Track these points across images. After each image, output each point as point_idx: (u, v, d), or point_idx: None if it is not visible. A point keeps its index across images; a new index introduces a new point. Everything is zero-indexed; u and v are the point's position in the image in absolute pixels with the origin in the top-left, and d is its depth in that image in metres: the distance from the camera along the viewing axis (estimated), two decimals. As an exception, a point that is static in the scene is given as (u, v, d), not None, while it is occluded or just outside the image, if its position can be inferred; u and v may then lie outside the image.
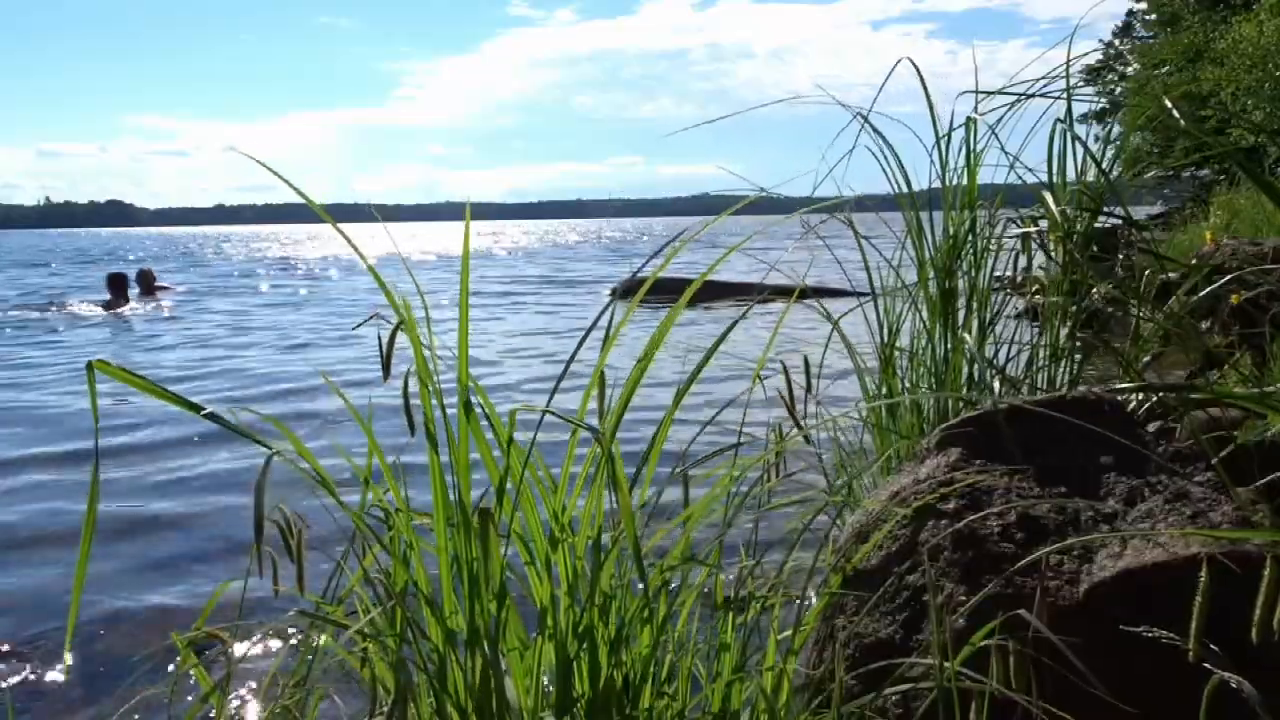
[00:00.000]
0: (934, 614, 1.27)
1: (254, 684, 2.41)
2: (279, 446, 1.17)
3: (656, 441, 1.38)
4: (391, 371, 1.34)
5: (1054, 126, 2.42)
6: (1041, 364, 2.47)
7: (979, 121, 2.44)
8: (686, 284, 1.37)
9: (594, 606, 1.28)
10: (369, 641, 1.30)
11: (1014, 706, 1.12)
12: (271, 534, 1.23)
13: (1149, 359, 2.45)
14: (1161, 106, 2.49)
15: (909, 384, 2.54)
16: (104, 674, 2.56)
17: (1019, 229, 2.45)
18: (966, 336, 2.45)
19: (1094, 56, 20.82)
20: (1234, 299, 2.68)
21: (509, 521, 1.29)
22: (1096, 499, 1.51)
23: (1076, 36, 2.47)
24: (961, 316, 2.49)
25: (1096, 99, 4.65)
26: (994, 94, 2.44)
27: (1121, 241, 2.63)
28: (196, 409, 1.12)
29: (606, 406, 1.35)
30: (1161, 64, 20.85)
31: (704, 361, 1.37)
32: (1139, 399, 2.22)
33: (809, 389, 1.66)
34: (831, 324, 2.51)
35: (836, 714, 1.25)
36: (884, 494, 1.70)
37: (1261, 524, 1.47)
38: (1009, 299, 2.56)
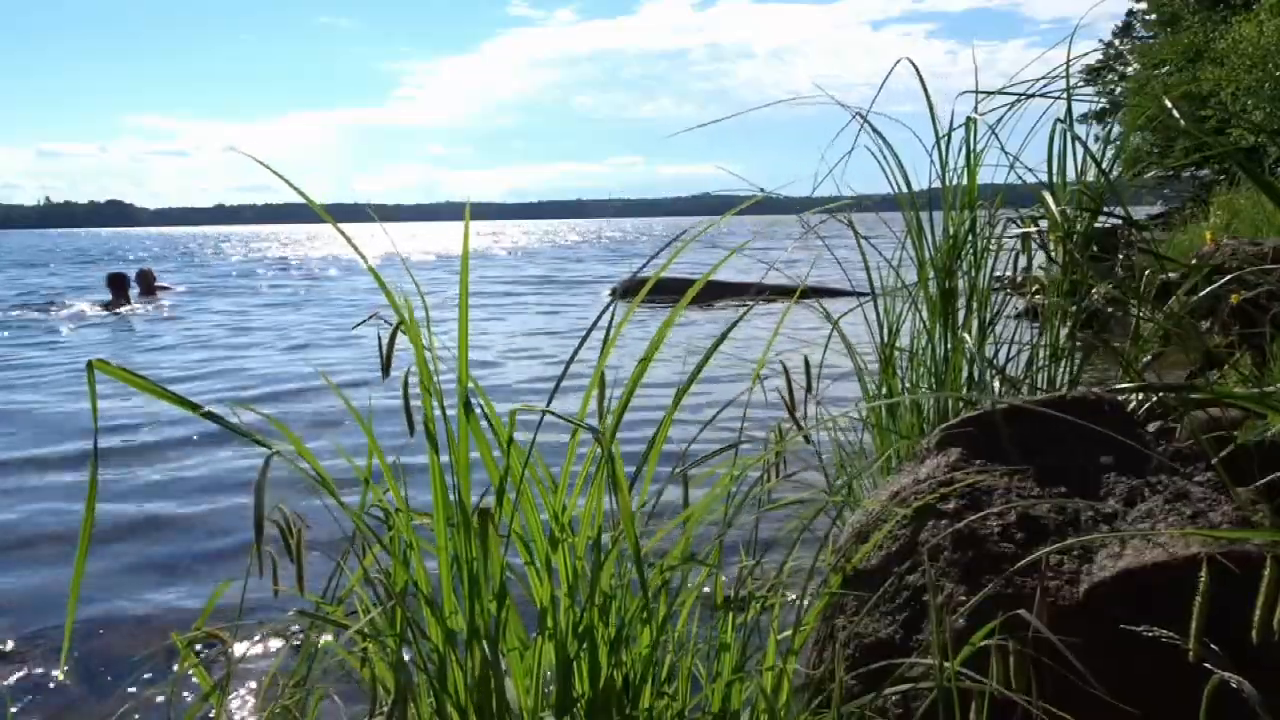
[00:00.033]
0: (934, 614, 1.27)
1: (254, 684, 2.41)
2: (279, 446, 1.17)
3: (656, 441, 1.38)
4: (391, 371, 1.34)
5: (1054, 126, 2.42)
6: (1041, 364, 2.47)
7: (979, 121, 2.44)
8: (687, 284, 1.37)
9: (594, 606, 1.28)
10: (369, 641, 1.30)
11: (1014, 706, 1.12)
12: (271, 534, 1.23)
13: (1149, 359, 2.45)
14: (1161, 106, 2.49)
15: (909, 384, 2.54)
16: (104, 674, 2.56)
17: (1019, 229, 2.45)
18: (966, 336, 2.45)
19: (1094, 56, 20.82)
20: (1234, 299, 2.67)
21: (509, 522, 1.29)
22: (1096, 499, 1.51)
23: (1076, 36, 2.48)
24: (961, 316, 2.49)
25: (1096, 99, 4.65)
26: (994, 94, 2.44)
27: (1121, 241, 2.63)
28: (196, 409, 1.12)
29: (607, 407, 1.35)
30: (1161, 64, 20.85)
31: (704, 361, 1.37)
32: (1139, 399, 2.22)
33: (809, 389, 1.66)
34: (831, 324, 2.51)
35: (836, 714, 1.24)
36: (884, 494, 1.69)
37: (1261, 524, 1.47)
38: (1009, 299, 2.56)
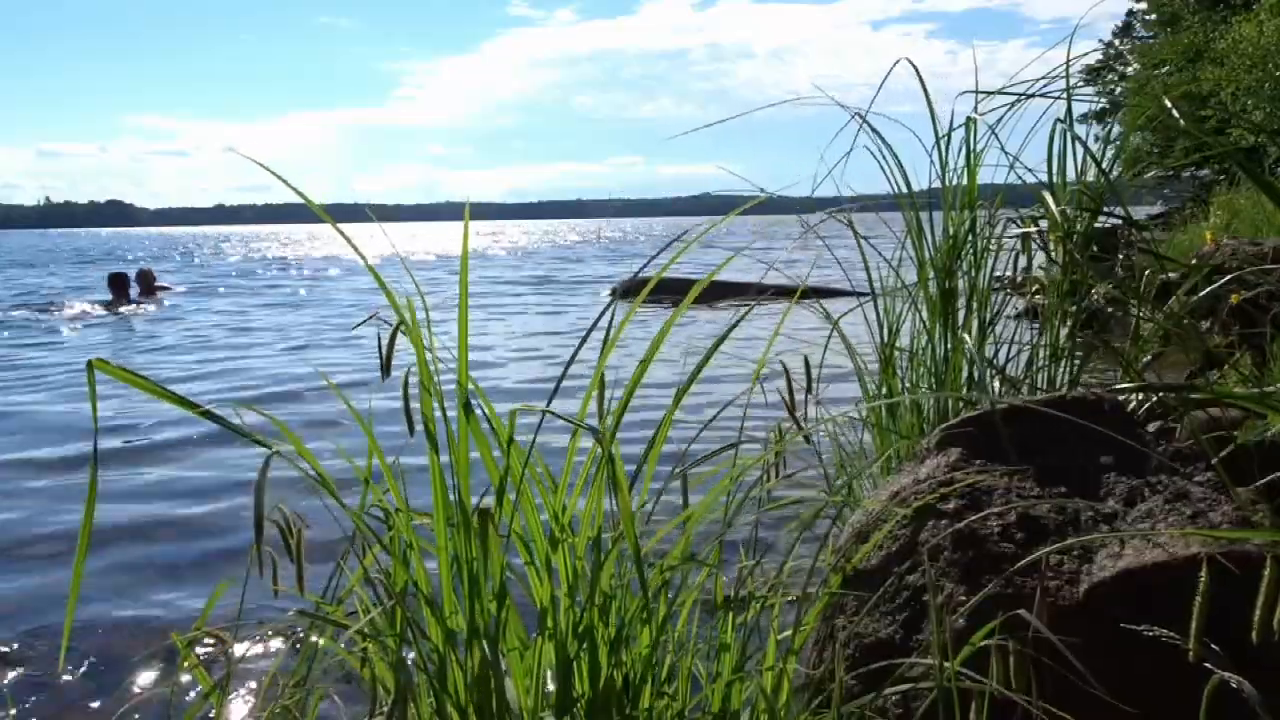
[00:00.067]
0: (934, 614, 1.27)
1: (254, 684, 2.41)
2: (279, 446, 1.17)
3: (656, 441, 1.38)
4: (391, 372, 1.34)
5: (1054, 126, 2.42)
6: (1041, 364, 2.47)
7: (979, 121, 2.44)
8: (687, 284, 1.37)
9: (594, 606, 1.28)
10: (369, 641, 1.30)
11: (1014, 706, 1.12)
12: (271, 534, 1.23)
13: (1149, 359, 2.45)
14: (1161, 106, 2.49)
15: (909, 384, 2.54)
16: (104, 674, 2.56)
17: (1019, 229, 2.45)
18: (966, 336, 2.45)
19: (1094, 56, 20.82)
20: (1234, 299, 2.67)
21: (509, 522, 1.29)
22: (1096, 499, 1.51)
23: (1076, 36, 2.48)
24: (961, 316, 2.49)
25: (1096, 99, 4.65)
26: (994, 94, 2.44)
27: (1121, 241, 2.63)
28: (196, 409, 1.12)
29: (607, 407, 1.35)
30: (1161, 64, 20.85)
31: (704, 361, 1.37)
32: (1139, 399, 2.22)
33: (809, 389, 1.66)
34: (832, 324, 2.51)
35: (836, 714, 1.24)
36: (884, 494, 1.69)
37: (1261, 524, 1.47)
38: (1009, 299, 2.56)
